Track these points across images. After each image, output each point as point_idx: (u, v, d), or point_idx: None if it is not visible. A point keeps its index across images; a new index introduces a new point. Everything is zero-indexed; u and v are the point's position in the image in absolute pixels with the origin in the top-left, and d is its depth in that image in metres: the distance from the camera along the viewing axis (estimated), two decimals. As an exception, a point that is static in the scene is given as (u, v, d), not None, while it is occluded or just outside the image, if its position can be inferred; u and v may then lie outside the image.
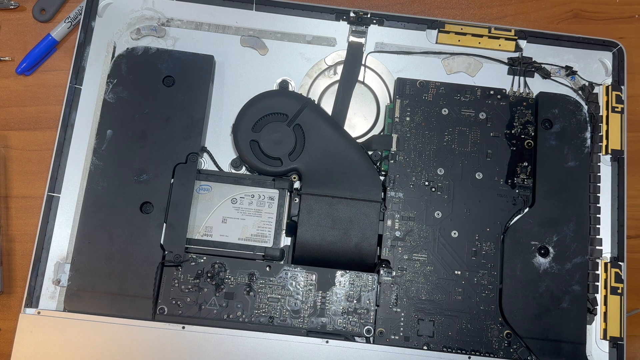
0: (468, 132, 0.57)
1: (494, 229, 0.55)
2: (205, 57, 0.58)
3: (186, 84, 0.57)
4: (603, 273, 0.55)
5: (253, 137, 0.56)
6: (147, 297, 0.52)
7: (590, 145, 0.58)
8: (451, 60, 0.61)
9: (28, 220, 0.58)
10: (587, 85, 0.60)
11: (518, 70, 0.61)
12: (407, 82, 0.58)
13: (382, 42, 0.61)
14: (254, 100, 0.57)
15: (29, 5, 0.63)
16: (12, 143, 0.60)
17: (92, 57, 0.59)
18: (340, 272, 0.54)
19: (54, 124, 0.58)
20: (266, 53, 0.61)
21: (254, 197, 0.55)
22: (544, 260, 0.55)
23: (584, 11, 0.66)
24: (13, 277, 0.57)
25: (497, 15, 0.65)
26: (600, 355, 0.54)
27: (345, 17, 0.61)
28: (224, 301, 0.53)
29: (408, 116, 0.58)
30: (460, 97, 0.58)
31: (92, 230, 0.53)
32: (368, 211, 0.54)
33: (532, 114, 0.58)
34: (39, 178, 0.59)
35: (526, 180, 0.57)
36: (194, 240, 0.54)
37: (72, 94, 0.58)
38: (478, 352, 0.53)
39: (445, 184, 0.56)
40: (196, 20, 0.61)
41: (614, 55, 0.61)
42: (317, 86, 0.60)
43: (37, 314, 0.52)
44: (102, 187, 0.54)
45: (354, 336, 0.53)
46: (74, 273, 0.53)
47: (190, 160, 0.55)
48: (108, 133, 0.55)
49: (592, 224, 0.56)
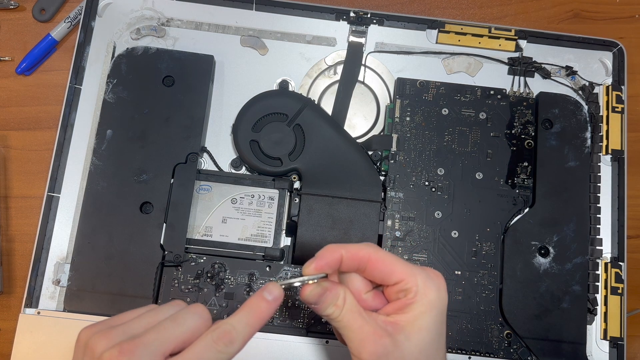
0: (468, 132, 0.57)
1: (494, 229, 0.55)
2: (205, 57, 0.58)
3: (186, 83, 0.57)
4: (603, 273, 0.55)
5: (253, 137, 0.56)
6: (147, 297, 0.52)
7: (590, 145, 0.58)
8: (451, 60, 0.61)
9: (28, 220, 0.58)
10: (587, 85, 0.60)
11: (518, 70, 0.61)
12: (407, 82, 0.58)
13: (382, 42, 0.61)
14: (254, 100, 0.57)
15: (29, 5, 0.63)
16: (12, 143, 0.60)
17: (92, 57, 0.59)
18: (340, 272, 0.54)
19: (54, 124, 0.58)
20: (266, 53, 0.61)
21: (254, 197, 0.55)
22: (544, 260, 0.55)
23: (584, 11, 0.66)
24: (13, 277, 0.57)
25: (497, 15, 0.65)
26: (601, 355, 0.54)
27: (345, 17, 0.61)
28: (224, 301, 0.53)
29: (408, 116, 0.58)
30: (461, 97, 0.58)
31: (92, 230, 0.53)
32: (368, 211, 0.54)
33: (532, 114, 0.58)
34: (38, 178, 0.59)
35: (526, 180, 0.57)
36: (194, 240, 0.54)
37: (72, 93, 0.58)
38: (478, 352, 0.53)
39: (446, 184, 0.56)
40: (196, 20, 0.61)
41: (614, 55, 0.61)
42: (317, 86, 0.60)
43: (37, 314, 0.52)
44: (102, 187, 0.54)
45: (354, 336, 0.53)
46: (74, 273, 0.53)
47: (190, 160, 0.55)
48: (108, 133, 0.55)
49: (592, 224, 0.56)
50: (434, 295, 0.37)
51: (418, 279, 0.37)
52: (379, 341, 0.35)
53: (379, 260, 0.37)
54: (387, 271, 0.37)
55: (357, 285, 0.38)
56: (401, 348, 0.35)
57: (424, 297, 0.36)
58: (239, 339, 0.34)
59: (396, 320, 0.36)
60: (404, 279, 0.37)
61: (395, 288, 0.37)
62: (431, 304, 0.36)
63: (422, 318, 0.36)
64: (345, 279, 0.39)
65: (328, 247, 0.37)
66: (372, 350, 0.35)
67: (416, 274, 0.37)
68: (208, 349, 0.34)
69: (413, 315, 0.36)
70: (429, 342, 0.36)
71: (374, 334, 0.35)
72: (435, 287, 0.37)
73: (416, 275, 0.37)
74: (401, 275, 0.37)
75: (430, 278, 0.37)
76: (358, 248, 0.37)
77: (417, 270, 0.37)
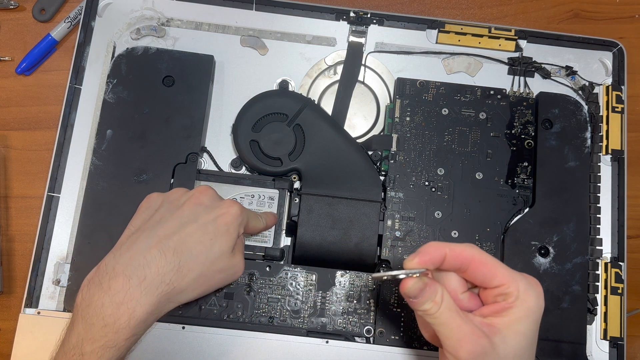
0: (468, 132, 0.57)
1: (494, 229, 0.55)
2: (205, 57, 0.58)
3: (186, 83, 0.57)
4: (603, 273, 0.55)
5: (253, 137, 0.56)
6: (147, 297, 0.52)
7: (590, 145, 0.58)
8: (451, 60, 0.61)
9: (28, 220, 0.58)
10: (587, 85, 0.60)
11: (518, 70, 0.61)
12: (407, 82, 0.58)
13: (382, 42, 0.61)
14: (254, 100, 0.57)
15: (29, 5, 0.63)
16: (12, 143, 0.60)
17: (92, 57, 0.59)
18: (340, 272, 0.54)
19: (54, 124, 0.58)
20: (266, 53, 0.61)
21: (254, 197, 0.55)
22: (544, 260, 0.55)
23: (584, 11, 0.66)
24: (13, 277, 0.57)
25: (497, 15, 0.65)
26: (601, 355, 0.54)
27: (345, 17, 0.61)
28: (224, 301, 0.53)
29: (408, 116, 0.58)
30: (460, 97, 0.58)
31: (92, 230, 0.53)
32: (368, 211, 0.54)
33: (532, 114, 0.58)
34: (38, 178, 0.59)
35: (526, 180, 0.57)
36: (194, 240, 0.54)
37: (72, 94, 0.58)
38: (478, 352, 0.53)
39: (445, 184, 0.56)
40: (196, 20, 0.61)
41: (614, 55, 0.61)
42: (317, 86, 0.60)
43: (37, 314, 0.52)
44: (102, 187, 0.54)
45: (354, 336, 0.53)
46: (74, 273, 0.53)
47: (190, 160, 0.55)
48: (108, 133, 0.55)
49: (592, 224, 0.56)
50: (534, 302, 0.37)
51: (520, 285, 0.37)
52: (477, 341, 0.36)
53: (482, 263, 0.38)
54: (489, 274, 0.38)
55: (453, 285, 0.39)
56: (497, 350, 0.36)
57: (524, 303, 0.37)
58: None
59: (493, 323, 0.37)
60: (505, 283, 0.37)
61: (495, 291, 0.38)
62: (530, 310, 0.37)
63: (520, 323, 0.37)
64: (442, 277, 0.39)
65: (431, 243, 0.38)
66: (470, 349, 0.36)
67: (518, 279, 0.37)
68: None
69: (511, 320, 0.37)
70: (524, 347, 0.37)
71: (473, 334, 0.36)
72: (536, 295, 0.38)
73: (518, 281, 0.37)
74: (503, 279, 0.37)
75: (531, 285, 0.38)
76: (462, 248, 0.38)
77: (518, 276, 0.38)
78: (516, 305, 0.37)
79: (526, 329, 0.37)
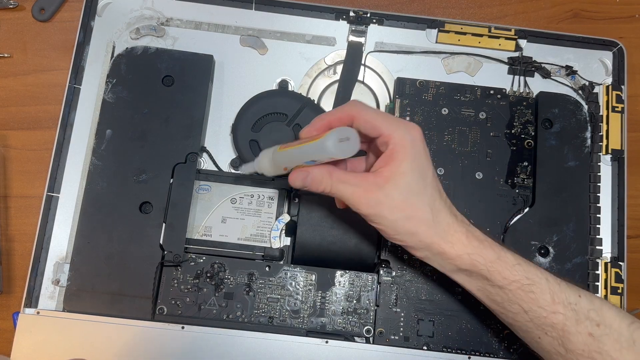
0: (468, 131, 0.57)
1: (494, 229, 0.55)
2: (204, 56, 0.58)
3: (186, 83, 0.57)
4: (603, 273, 0.55)
5: (253, 136, 0.56)
6: (147, 297, 0.52)
7: (590, 145, 0.58)
8: (451, 59, 0.61)
9: (27, 220, 0.58)
10: (587, 85, 0.60)
11: (518, 69, 0.60)
12: (407, 82, 0.58)
13: (382, 41, 0.61)
14: (254, 100, 0.57)
15: (28, 4, 0.63)
16: (12, 143, 0.60)
17: (92, 57, 0.59)
18: (340, 272, 0.54)
19: (53, 124, 0.58)
20: (266, 53, 0.60)
21: (254, 197, 0.55)
22: (544, 260, 0.55)
23: (584, 11, 0.66)
24: (12, 277, 0.57)
25: (497, 14, 0.65)
26: (600, 355, 0.54)
27: (345, 17, 0.61)
28: (224, 301, 0.53)
29: (408, 116, 0.57)
30: (460, 96, 0.58)
31: (92, 230, 0.53)
32: (368, 211, 0.54)
33: (532, 113, 0.58)
34: (38, 178, 0.59)
35: (526, 180, 0.57)
36: (194, 240, 0.54)
37: (72, 93, 0.58)
38: (478, 352, 0.53)
39: (445, 183, 0.56)
40: (195, 20, 0.61)
41: (614, 55, 0.61)
42: (316, 86, 0.60)
43: (37, 314, 0.52)
44: (102, 187, 0.54)
45: (354, 336, 0.53)
46: (73, 273, 0.53)
47: (190, 160, 0.55)
48: (107, 133, 0.55)
49: (592, 223, 0.56)
50: (409, 143, 0.42)
51: (396, 131, 0.42)
52: (369, 196, 0.43)
53: (364, 116, 0.43)
54: (371, 126, 0.43)
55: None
56: (391, 195, 0.42)
57: (402, 148, 0.42)
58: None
59: (382, 172, 0.43)
60: (384, 132, 0.43)
61: (379, 141, 0.43)
62: (406, 150, 0.42)
63: (402, 164, 0.42)
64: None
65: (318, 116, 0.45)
66: (366, 204, 0.43)
67: (394, 126, 0.43)
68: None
69: (395, 165, 0.42)
70: (413, 186, 0.43)
71: (365, 192, 0.43)
72: (410, 137, 0.43)
73: (395, 128, 0.42)
74: (382, 129, 0.43)
75: (407, 129, 0.43)
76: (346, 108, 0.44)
77: (395, 123, 0.43)
78: (396, 150, 0.42)
79: (408, 168, 0.42)
